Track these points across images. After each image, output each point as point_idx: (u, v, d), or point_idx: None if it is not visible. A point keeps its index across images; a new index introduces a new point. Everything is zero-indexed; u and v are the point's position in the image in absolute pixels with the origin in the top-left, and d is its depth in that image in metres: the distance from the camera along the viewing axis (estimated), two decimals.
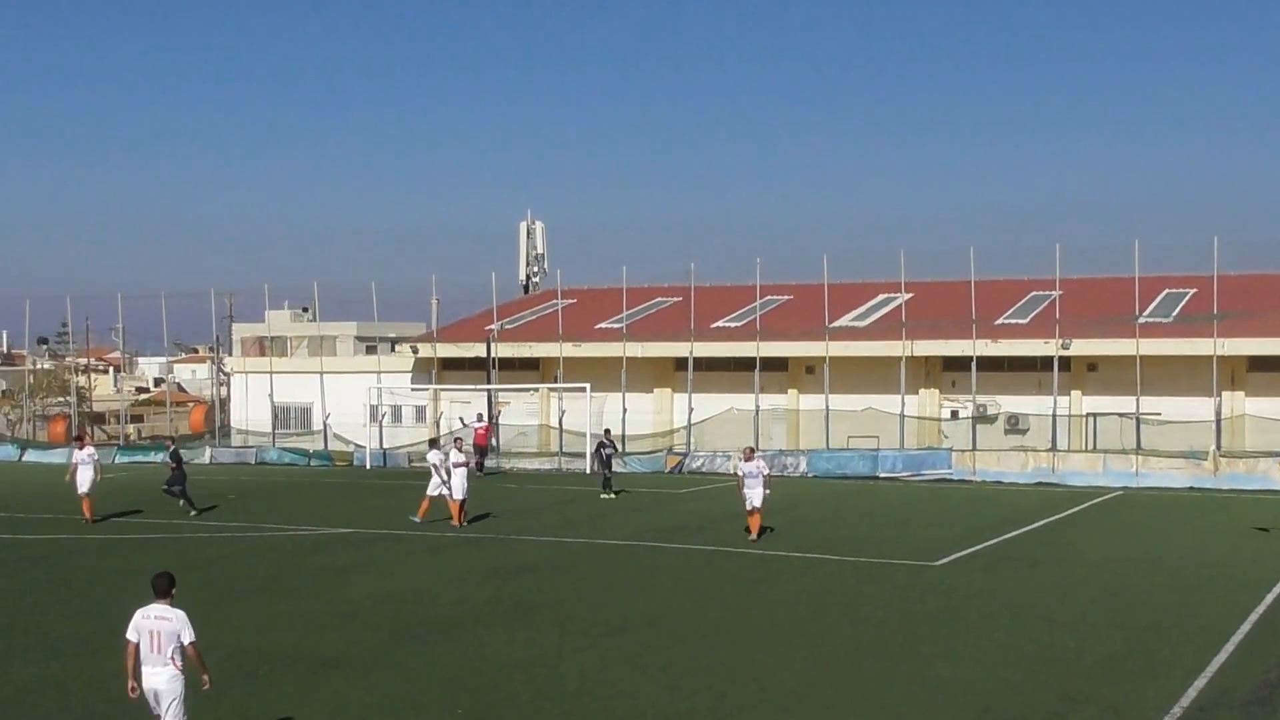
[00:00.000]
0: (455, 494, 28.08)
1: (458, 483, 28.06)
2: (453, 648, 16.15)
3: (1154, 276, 46.07)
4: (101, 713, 13.25)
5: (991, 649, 15.88)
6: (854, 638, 16.71)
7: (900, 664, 15.12)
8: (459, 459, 28.51)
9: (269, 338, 60.11)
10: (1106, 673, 14.59)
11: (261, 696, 13.84)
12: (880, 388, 44.54)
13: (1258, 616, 17.75)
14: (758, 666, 14.97)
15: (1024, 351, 43.60)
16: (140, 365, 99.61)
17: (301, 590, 20.52)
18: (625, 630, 17.22)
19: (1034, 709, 13.08)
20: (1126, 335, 41.67)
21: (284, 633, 17.15)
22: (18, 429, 63.46)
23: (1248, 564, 22.59)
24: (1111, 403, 42.24)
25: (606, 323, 51.65)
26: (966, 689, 13.89)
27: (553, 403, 50.21)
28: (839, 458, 42.16)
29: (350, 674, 14.77)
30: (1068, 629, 16.99)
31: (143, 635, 10.81)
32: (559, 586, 20.74)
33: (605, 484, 34.80)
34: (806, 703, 13.47)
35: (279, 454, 50.55)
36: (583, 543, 25.94)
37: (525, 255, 62.50)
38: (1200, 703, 13.25)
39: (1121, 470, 38.26)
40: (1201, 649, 15.60)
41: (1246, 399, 42.01)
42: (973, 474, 39.93)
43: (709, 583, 21.00)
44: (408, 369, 53.33)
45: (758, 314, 48.30)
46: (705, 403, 46.32)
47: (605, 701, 13.54)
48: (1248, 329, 40.94)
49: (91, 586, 21.35)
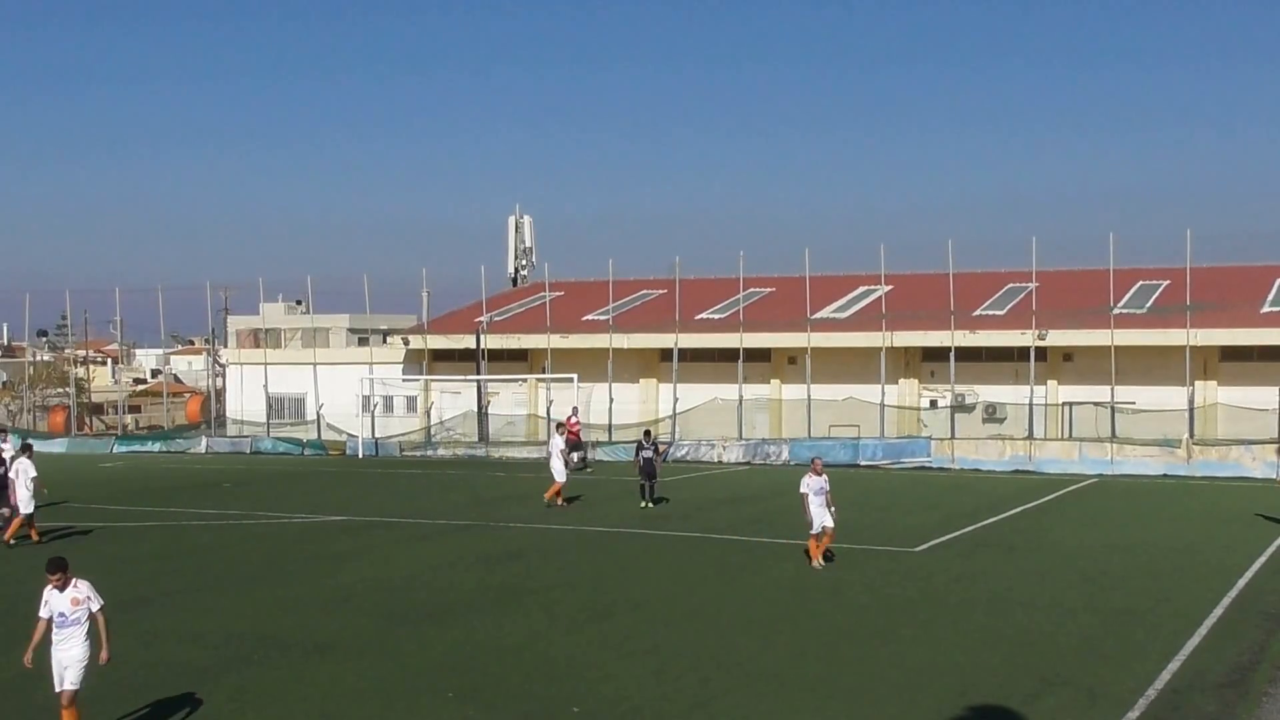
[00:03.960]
0: (559, 477, 29.94)
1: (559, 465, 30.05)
2: (443, 632, 16.37)
3: (1128, 269, 46.66)
4: (100, 697, 13.44)
5: (970, 633, 16.12)
6: (836, 622, 16.93)
7: (881, 647, 15.37)
8: (559, 445, 30.57)
9: (263, 330, 60.33)
10: (1083, 656, 14.79)
11: (256, 680, 14.07)
12: (861, 378, 44.97)
13: (1230, 601, 18.00)
14: (741, 650, 15.20)
15: (1001, 342, 44.08)
16: (138, 357, 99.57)
17: (295, 576, 20.76)
18: (612, 615, 17.48)
19: (1012, 691, 13.29)
20: (1101, 326, 42.16)
21: (278, 618, 17.37)
22: (18, 420, 63.57)
23: (1221, 550, 22.91)
24: (1087, 392, 42.72)
25: (593, 315, 51.91)
26: (946, 672, 14.12)
27: (540, 393, 50.51)
28: (820, 446, 42.48)
29: (343, 658, 14.98)
30: (1045, 613, 17.21)
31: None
32: (547, 572, 21.00)
33: (643, 491, 29.78)
34: (789, 685, 13.70)
35: (273, 443, 50.80)
36: (570, 529, 26.19)
37: (514, 249, 62.64)
38: (1174, 685, 13.45)
39: (1097, 458, 38.70)
40: (1176, 633, 15.81)
41: (1219, 388, 42.55)
42: (951, 462, 40.34)
43: (693, 568, 21.24)
44: (399, 360, 53.57)
45: (741, 306, 48.71)
46: (690, 393, 46.65)
47: (592, 684, 13.74)
48: (1220, 320, 41.48)
49: (89, 572, 21.28)
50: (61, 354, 75.30)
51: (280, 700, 13.27)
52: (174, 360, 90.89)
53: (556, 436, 31.45)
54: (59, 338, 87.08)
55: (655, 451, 29.98)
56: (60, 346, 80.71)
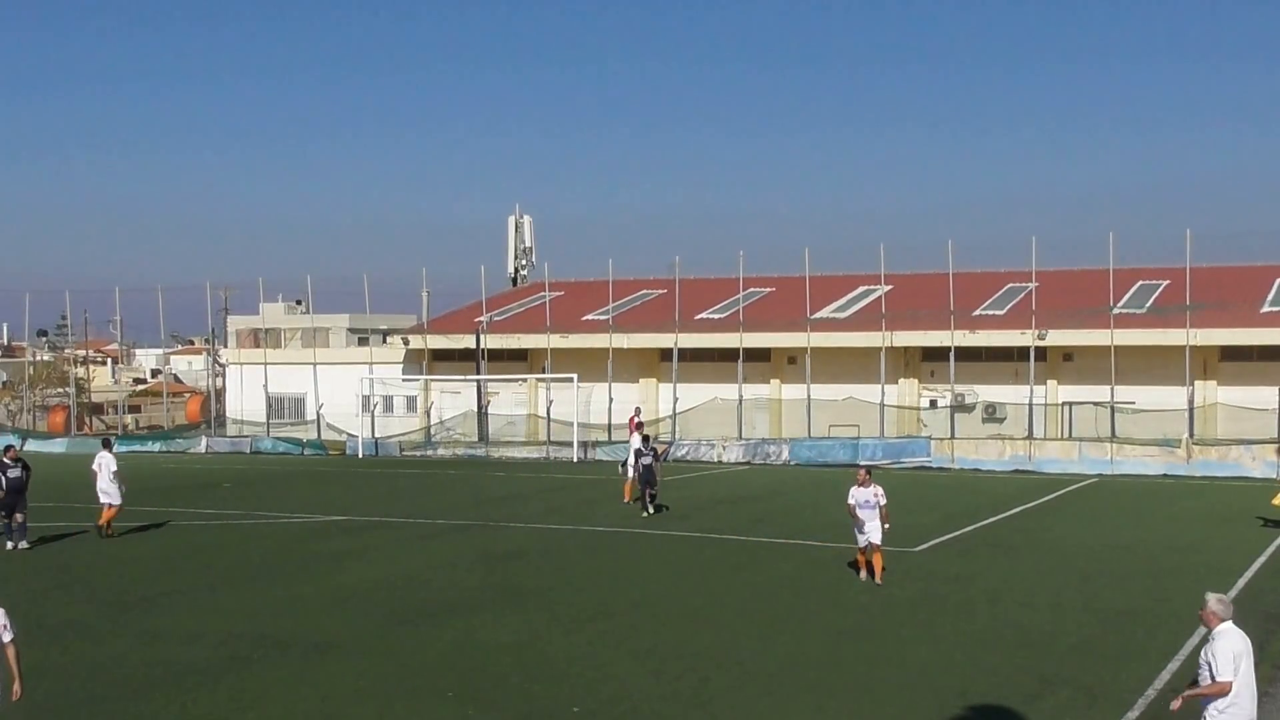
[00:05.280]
0: (630, 473, 30.04)
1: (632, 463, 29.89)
2: (443, 632, 16.37)
3: (1128, 269, 46.67)
4: (100, 696, 13.45)
5: (970, 633, 16.13)
6: (835, 622, 16.95)
7: (880, 647, 15.38)
8: (636, 443, 30.37)
9: (263, 330, 60.41)
10: (1082, 656, 14.80)
11: (256, 680, 14.07)
12: (860, 377, 44.99)
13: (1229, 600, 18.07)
14: (741, 650, 15.22)
15: (1001, 342, 44.10)
16: (138, 357, 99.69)
17: (295, 576, 20.77)
18: (612, 614, 17.49)
19: (1011, 691, 13.30)
20: (1101, 326, 42.18)
21: (278, 618, 17.38)
22: (18, 419, 63.70)
23: (1220, 549, 22.94)
24: (1087, 392, 42.74)
25: (593, 314, 51.93)
26: (945, 672, 14.13)
27: (540, 393, 50.53)
28: (820, 446, 42.58)
29: (343, 658, 14.99)
30: (1044, 613, 17.24)
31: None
32: (547, 572, 21.01)
33: (643, 500, 28.11)
34: (789, 685, 13.70)
35: (273, 443, 50.86)
36: (570, 529, 26.23)
37: (514, 249, 62.68)
38: (1174, 685, 13.28)
39: (1097, 458, 38.73)
40: (1175, 632, 15.80)
41: (1218, 388, 42.57)
42: (951, 462, 40.36)
43: (693, 568, 21.27)
44: (399, 360, 53.61)
45: (741, 306, 48.72)
46: (690, 392, 46.67)
47: (592, 684, 13.75)
48: (1219, 320, 41.50)
49: (90, 573, 21.55)
50: (61, 354, 75.43)
51: (280, 700, 13.26)
52: (174, 360, 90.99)
53: (635, 436, 31.98)
54: (59, 338, 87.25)
55: (655, 456, 28.24)
56: (60, 346, 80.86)
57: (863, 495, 19.44)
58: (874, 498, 19.36)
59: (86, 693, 13.70)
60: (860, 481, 19.66)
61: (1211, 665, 9.45)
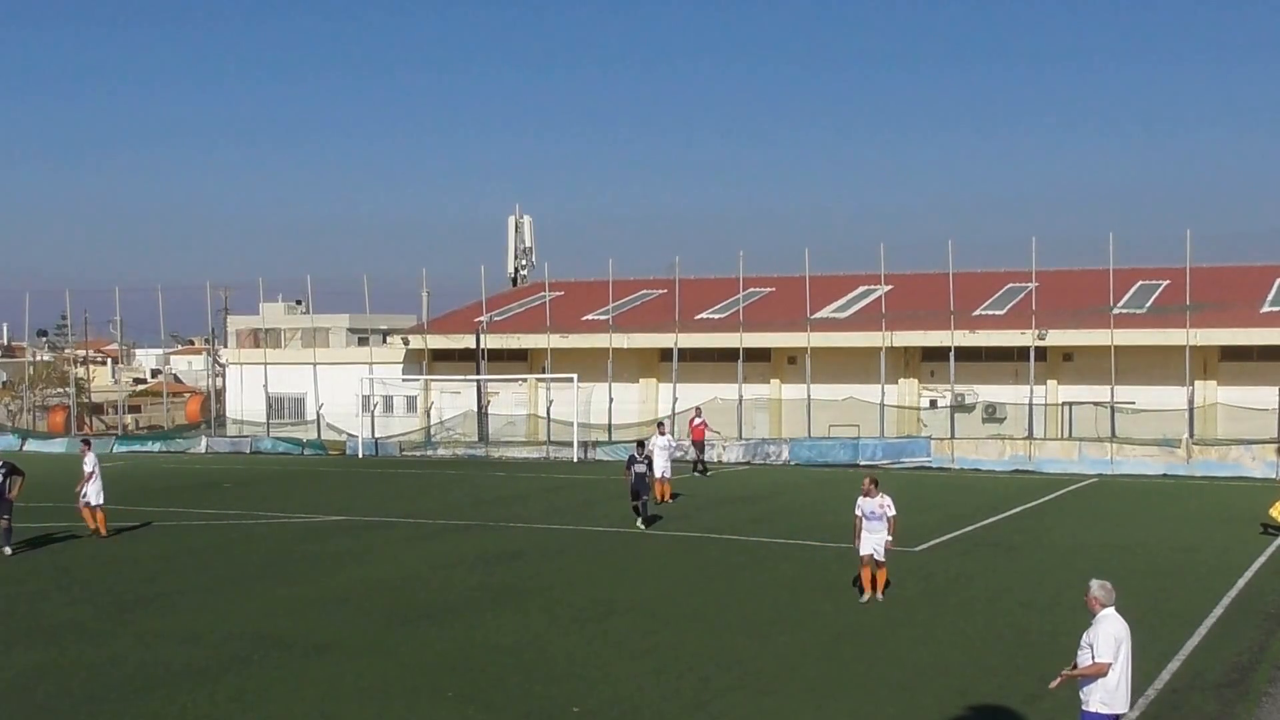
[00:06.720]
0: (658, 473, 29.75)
1: (659, 463, 29.76)
2: (443, 632, 16.39)
3: (1128, 269, 46.64)
4: (99, 697, 13.47)
5: (969, 632, 16.15)
6: (835, 622, 16.96)
7: (880, 647, 15.40)
8: (661, 442, 30.76)
9: (263, 330, 60.41)
10: None
11: (256, 680, 14.08)
12: (860, 377, 44.98)
13: (1230, 600, 18.04)
14: (741, 650, 15.24)
15: (1001, 342, 44.08)
16: (138, 357, 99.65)
17: (295, 576, 20.77)
18: (612, 615, 17.50)
19: (1011, 691, 13.32)
20: (1101, 326, 42.16)
21: (278, 618, 17.39)
22: (18, 419, 63.75)
23: (1220, 549, 22.94)
24: (1087, 392, 42.72)
25: (593, 314, 51.93)
26: (945, 671, 14.15)
27: (540, 393, 50.55)
28: (820, 446, 42.56)
29: (342, 658, 15.00)
30: (1044, 613, 17.25)
31: None
32: (547, 572, 21.01)
33: (636, 511, 26.35)
34: (789, 685, 13.73)
35: (273, 443, 50.85)
36: (570, 530, 26.23)
37: (514, 248, 62.65)
38: (1174, 685, 13.49)
39: (1097, 458, 38.70)
40: (1175, 632, 15.82)
41: (1218, 388, 42.55)
42: (951, 462, 40.34)
43: (693, 568, 21.27)
44: (399, 360, 53.63)
45: (741, 306, 48.73)
46: (690, 392, 46.61)
47: (592, 684, 13.77)
48: (1219, 320, 41.48)
49: (89, 573, 21.55)
50: (61, 354, 75.39)
51: (280, 700, 13.28)
52: (174, 360, 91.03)
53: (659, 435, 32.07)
54: (59, 338, 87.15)
55: (649, 466, 27.01)
56: (60, 346, 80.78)
57: (870, 505, 18.32)
58: (880, 509, 18.25)
59: (86, 693, 13.71)
60: (866, 491, 18.44)
61: (1093, 647, 9.96)
